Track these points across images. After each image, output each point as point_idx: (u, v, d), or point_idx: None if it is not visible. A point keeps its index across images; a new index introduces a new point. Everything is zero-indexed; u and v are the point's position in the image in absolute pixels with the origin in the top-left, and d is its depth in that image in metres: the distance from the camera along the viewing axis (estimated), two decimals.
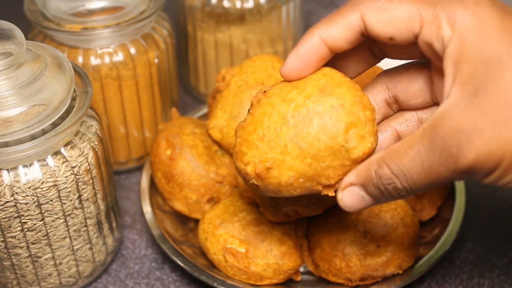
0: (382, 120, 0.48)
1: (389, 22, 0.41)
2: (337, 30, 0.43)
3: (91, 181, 0.55)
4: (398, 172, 0.40)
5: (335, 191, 0.44)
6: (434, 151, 0.39)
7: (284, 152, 0.43)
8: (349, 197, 0.43)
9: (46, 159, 0.52)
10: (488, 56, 0.38)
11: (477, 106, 0.38)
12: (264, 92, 0.45)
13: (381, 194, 0.42)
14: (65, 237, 0.56)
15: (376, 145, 0.43)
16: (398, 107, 0.48)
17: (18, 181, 0.51)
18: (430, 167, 0.39)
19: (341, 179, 0.43)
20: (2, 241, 0.54)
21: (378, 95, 0.48)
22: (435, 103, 0.47)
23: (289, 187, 0.44)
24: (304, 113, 0.42)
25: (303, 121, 0.42)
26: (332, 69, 0.44)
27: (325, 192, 0.44)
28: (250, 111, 0.45)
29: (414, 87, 0.47)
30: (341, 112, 0.42)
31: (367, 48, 0.47)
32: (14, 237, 0.53)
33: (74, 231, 0.56)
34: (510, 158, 0.38)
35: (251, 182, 0.45)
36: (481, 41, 0.39)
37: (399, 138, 0.48)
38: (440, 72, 0.43)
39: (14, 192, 0.51)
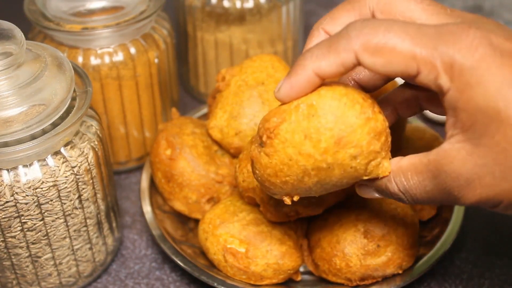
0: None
1: (385, 66, 0.40)
2: (331, 67, 0.42)
3: (91, 181, 0.55)
4: (404, 191, 0.44)
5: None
6: (437, 188, 0.42)
7: (309, 192, 0.46)
8: (364, 192, 0.48)
9: (46, 159, 0.52)
10: (486, 110, 0.39)
11: (478, 158, 0.40)
12: (273, 130, 0.44)
13: (390, 197, 0.46)
14: (65, 237, 0.56)
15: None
16: None
17: (18, 181, 0.51)
18: (434, 197, 0.43)
19: None
20: (2, 241, 0.54)
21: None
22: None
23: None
24: (324, 167, 0.43)
25: (324, 173, 0.44)
26: (342, 99, 0.42)
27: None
28: (263, 147, 0.44)
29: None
30: (360, 159, 0.43)
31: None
32: (14, 237, 0.53)
33: (74, 231, 0.56)
34: (509, 200, 0.41)
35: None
36: (479, 95, 0.39)
37: (397, 115, 0.50)
38: None
39: (14, 192, 0.51)
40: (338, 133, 0.42)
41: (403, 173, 0.44)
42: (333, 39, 0.42)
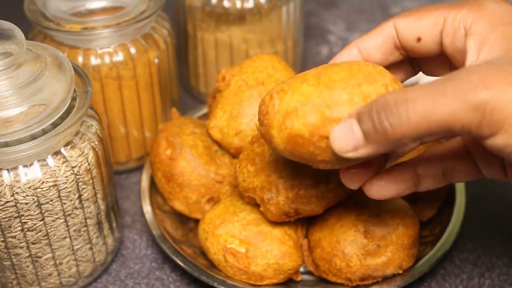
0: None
1: (415, 22, 0.46)
2: (370, 38, 0.48)
3: (91, 181, 0.55)
4: (398, 98, 0.37)
5: None
6: (451, 80, 0.36)
7: (303, 81, 0.44)
8: (340, 128, 0.40)
9: (46, 159, 0.52)
10: None
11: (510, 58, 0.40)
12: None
13: (373, 128, 0.38)
14: (65, 237, 0.56)
15: None
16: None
17: (18, 181, 0.51)
18: (439, 94, 0.36)
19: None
20: (2, 241, 0.54)
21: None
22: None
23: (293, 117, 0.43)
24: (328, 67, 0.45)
25: (331, 68, 0.44)
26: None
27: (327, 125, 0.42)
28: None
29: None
30: (367, 77, 0.43)
31: (408, 63, 0.51)
32: (14, 237, 0.53)
33: (74, 231, 0.56)
34: None
35: (265, 122, 0.45)
36: (508, 16, 0.42)
37: (418, 181, 0.49)
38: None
39: (14, 192, 0.51)
40: (353, 65, 0.44)
41: (404, 89, 0.38)
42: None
